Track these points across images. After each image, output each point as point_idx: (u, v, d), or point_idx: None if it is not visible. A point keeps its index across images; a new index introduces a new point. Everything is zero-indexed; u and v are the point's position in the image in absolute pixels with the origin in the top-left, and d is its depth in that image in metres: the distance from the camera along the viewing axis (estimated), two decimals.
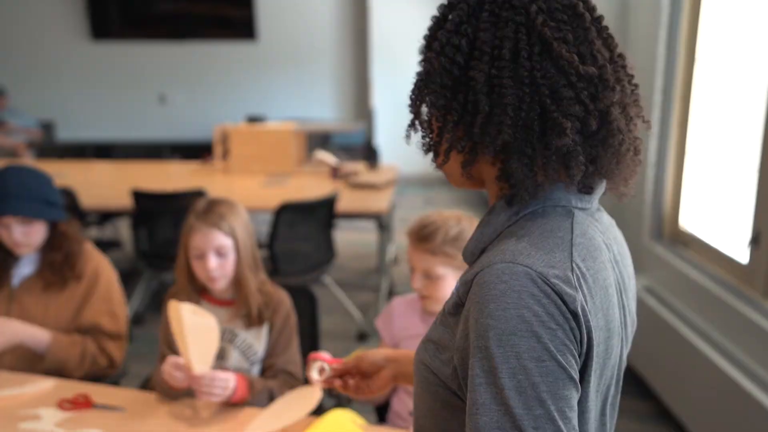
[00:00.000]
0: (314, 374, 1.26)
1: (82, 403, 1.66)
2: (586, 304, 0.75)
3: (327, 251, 3.61)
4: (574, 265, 0.76)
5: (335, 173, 4.27)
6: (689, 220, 3.00)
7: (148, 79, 7.24)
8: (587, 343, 0.75)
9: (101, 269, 1.99)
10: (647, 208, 3.17)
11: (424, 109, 0.85)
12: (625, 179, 0.84)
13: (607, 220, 0.89)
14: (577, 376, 0.74)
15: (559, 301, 0.73)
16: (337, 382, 1.19)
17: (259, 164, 4.42)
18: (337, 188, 3.82)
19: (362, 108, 7.18)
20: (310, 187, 4.02)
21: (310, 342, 2.06)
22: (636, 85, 0.84)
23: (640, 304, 2.99)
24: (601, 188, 0.86)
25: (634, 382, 3.13)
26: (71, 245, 1.92)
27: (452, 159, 0.83)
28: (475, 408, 0.72)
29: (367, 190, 3.99)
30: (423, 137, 0.86)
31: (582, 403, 0.77)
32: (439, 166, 0.86)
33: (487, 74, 0.77)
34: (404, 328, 1.77)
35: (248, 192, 3.99)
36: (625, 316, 0.86)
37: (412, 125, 0.86)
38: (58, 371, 1.87)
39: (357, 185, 4.07)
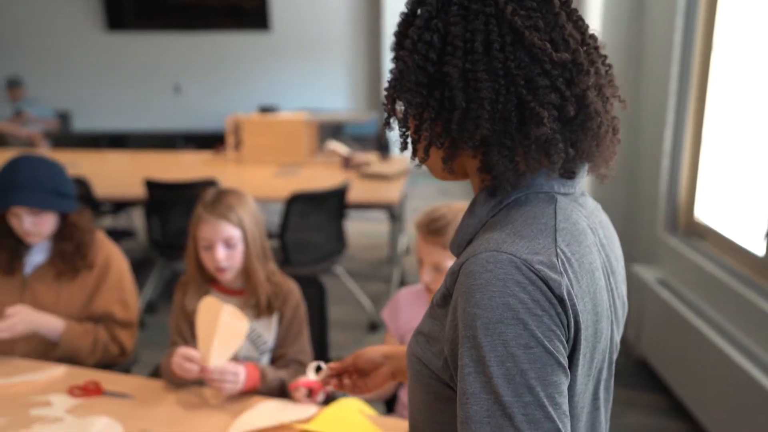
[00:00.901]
0: (311, 374, 1.26)
1: (92, 390, 1.67)
2: (572, 289, 0.75)
3: (338, 241, 3.61)
4: (558, 250, 0.76)
5: (347, 163, 4.26)
6: (705, 212, 2.96)
7: (162, 69, 7.26)
8: (575, 327, 0.75)
9: (112, 258, 1.99)
10: (661, 199, 3.13)
11: (400, 107, 0.85)
12: (605, 160, 0.85)
13: (591, 204, 0.90)
14: (565, 362, 0.74)
15: (545, 287, 0.73)
16: (334, 381, 1.19)
17: (271, 154, 4.42)
18: (348, 178, 3.81)
19: (375, 98, 7.16)
20: (321, 178, 4.02)
21: (319, 332, 2.05)
22: (610, 65, 0.84)
23: (654, 297, 2.96)
24: (584, 172, 0.86)
25: (647, 376, 3.10)
26: (82, 235, 1.92)
27: (432, 154, 0.84)
28: (465, 398, 0.72)
29: (379, 181, 3.98)
30: (400, 135, 0.86)
31: (572, 387, 0.77)
32: (421, 162, 0.86)
33: (461, 69, 0.77)
34: (410, 320, 1.76)
35: (260, 182, 3.99)
36: (614, 298, 0.87)
37: (387, 124, 0.87)
38: (71, 359, 1.88)
39: (369, 175, 4.06)
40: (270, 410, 1.56)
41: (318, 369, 1.24)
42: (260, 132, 4.43)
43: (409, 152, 0.89)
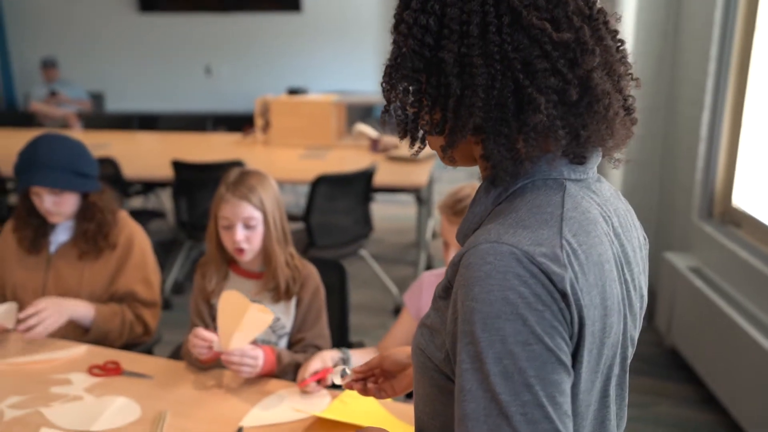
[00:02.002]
0: (336, 379, 1.24)
1: (111, 370, 1.67)
2: (577, 282, 0.71)
3: (364, 225, 3.58)
4: (564, 241, 0.72)
5: (375, 146, 4.22)
6: (742, 198, 2.85)
7: (194, 51, 7.29)
8: (579, 322, 0.71)
9: (135, 238, 2.00)
10: (697, 186, 3.03)
11: (398, 93, 0.81)
12: (617, 144, 0.80)
13: (607, 191, 0.85)
14: (568, 359, 0.70)
15: (546, 281, 0.69)
16: (357, 386, 1.16)
17: (299, 136, 4.40)
18: (376, 161, 3.78)
19: None
20: (349, 160, 3.99)
21: (339, 315, 2.03)
22: (621, 41, 0.79)
23: (686, 285, 2.87)
24: (597, 157, 0.82)
25: (677, 366, 3.03)
26: (104, 215, 1.93)
27: (435, 142, 0.81)
28: (463, 395, 0.69)
29: (407, 164, 3.93)
30: (399, 122, 0.82)
31: (575, 385, 0.73)
32: (418, 151, 0.83)
33: (457, 54, 0.73)
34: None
35: (286, 164, 3.98)
36: (628, 291, 0.82)
37: (386, 111, 0.82)
38: (101, 342, 1.90)
39: (397, 158, 4.01)
40: (283, 404, 1.54)
41: (343, 373, 1.22)
42: (288, 113, 4.41)
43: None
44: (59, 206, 1.86)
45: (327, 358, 1.58)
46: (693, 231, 3.06)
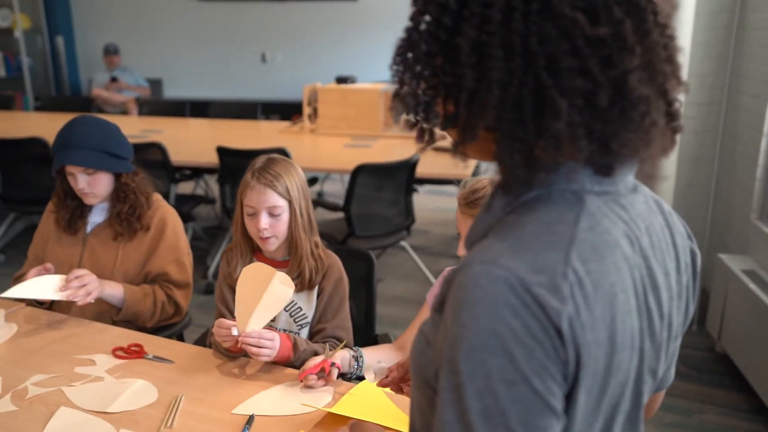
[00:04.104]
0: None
1: (134, 353, 1.69)
2: (578, 318, 0.62)
3: (406, 216, 3.54)
4: (569, 269, 0.63)
5: (421, 136, 4.16)
6: None
7: (251, 38, 7.37)
8: (575, 362, 0.63)
9: (168, 220, 2.02)
10: (758, 184, 2.87)
11: (411, 77, 0.71)
12: (652, 156, 0.68)
13: (642, 203, 0.75)
14: (558, 403, 0.63)
15: (541, 314, 0.61)
16: (394, 387, 1.12)
17: (346, 125, 4.39)
18: (422, 151, 3.72)
19: None
20: (395, 150, 3.95)
21: (366, 306, 2.01)
22: (671, 37, 0.68)
23: (740, 288, 2.72)
24: (632, 165, 0.71)
25: (727, 373, 2.88)
26: (137, 197, 1.96)
27: (450, 133, 0.72)
28: (441, 425, 0.63)
29: (453, 154, 3.86)
30: (408, 111, 0.73)
31: (568, 428, 0.65)
32: (425, 147, 0.74)
33: (475, 40, 0.64)
34: None
35: (331, 153, 3.97)
36: (650, 320, 0.71)
37: (397, 95, 0.72)
38: (132, 322, 1.93)
39: (443, 149, 3.94)
40: (288, 396, 1.52)
41: (376, 373, 1.20)
42: (336, 102, 4.40)
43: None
44: (93, 186, 1.90)
45: (336, 356, 1.56)
46: (750, 232, 2.90)
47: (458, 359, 0.62)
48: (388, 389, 1.42)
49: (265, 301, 1.59)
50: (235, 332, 1.58)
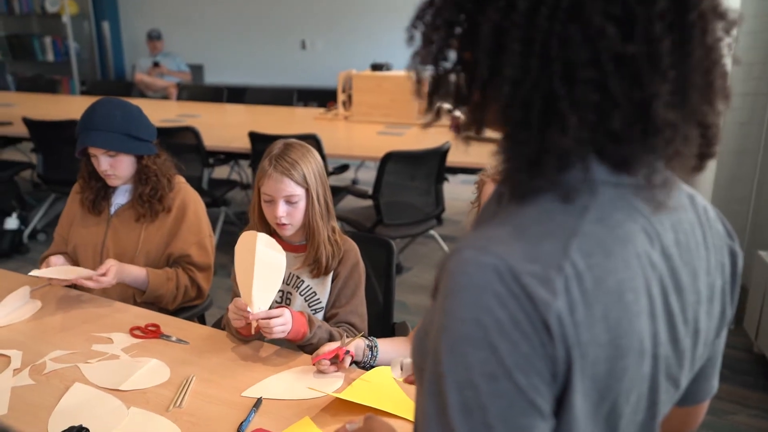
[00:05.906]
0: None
1: (151, 333, 1.71)
2: (571, 315, 0.57)
3: (436, 205, 3.51)
4: (567, 262, 0.58)
5: (457, 124, 4.11)
6: None
7: (291, 25, 7.39)
8: (565, 361, 0.58)
9: (189, 202, 2.03)
10: None
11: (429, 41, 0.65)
12: (674, 174, 0.63)
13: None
14: (545, 403, 0.58)
15: (528, 305, 0.56)
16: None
17: (380, 113, 4.36)
18: (455, 140, 3.68)
19: None
20: (428, 138, 3.91)
21: (385, 293, 1.99)
22: (717, 60, 0.61)
23: None
24: (658, 160, 0.63)
25: (764, 375, 2.78)
26: (159, 179, 1.98)
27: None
28: (423, 417, 0.61)
29: (486, 144, 3.81)
30: (418, 79, 0.66)
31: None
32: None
33: (496, 26, 0.58)
34: None
35: (363, 140, 3.96)
36: (672, 324, 0.66)
37: (419, 58, 0.65)
38: (155, 303, 1.97)
39: (475, 138, 3.89)
40: (297, 380, 1.51)
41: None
42: (370, 89, 4.38)
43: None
44: (115, 168, 1.93)
45: (351, 344, 1.55)
46: None
47: (441, 349, 0.59)
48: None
49: (259, 268, 1.59)
50: (250, 310, 1.58)
